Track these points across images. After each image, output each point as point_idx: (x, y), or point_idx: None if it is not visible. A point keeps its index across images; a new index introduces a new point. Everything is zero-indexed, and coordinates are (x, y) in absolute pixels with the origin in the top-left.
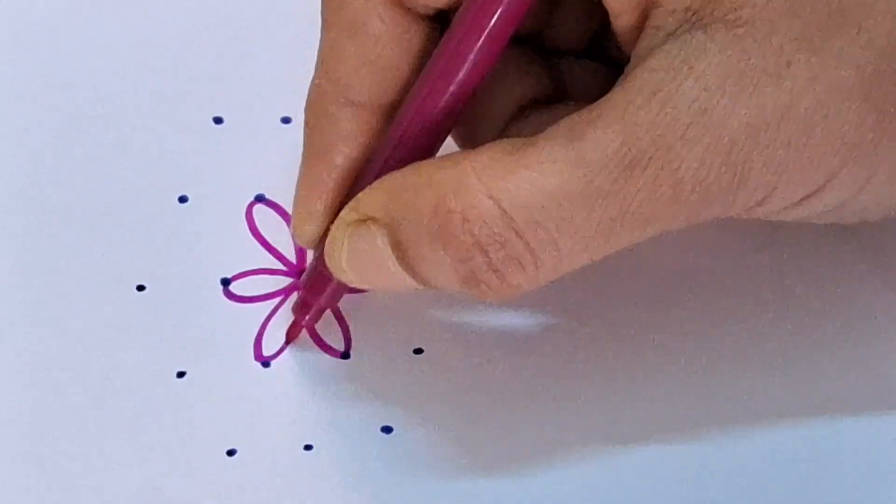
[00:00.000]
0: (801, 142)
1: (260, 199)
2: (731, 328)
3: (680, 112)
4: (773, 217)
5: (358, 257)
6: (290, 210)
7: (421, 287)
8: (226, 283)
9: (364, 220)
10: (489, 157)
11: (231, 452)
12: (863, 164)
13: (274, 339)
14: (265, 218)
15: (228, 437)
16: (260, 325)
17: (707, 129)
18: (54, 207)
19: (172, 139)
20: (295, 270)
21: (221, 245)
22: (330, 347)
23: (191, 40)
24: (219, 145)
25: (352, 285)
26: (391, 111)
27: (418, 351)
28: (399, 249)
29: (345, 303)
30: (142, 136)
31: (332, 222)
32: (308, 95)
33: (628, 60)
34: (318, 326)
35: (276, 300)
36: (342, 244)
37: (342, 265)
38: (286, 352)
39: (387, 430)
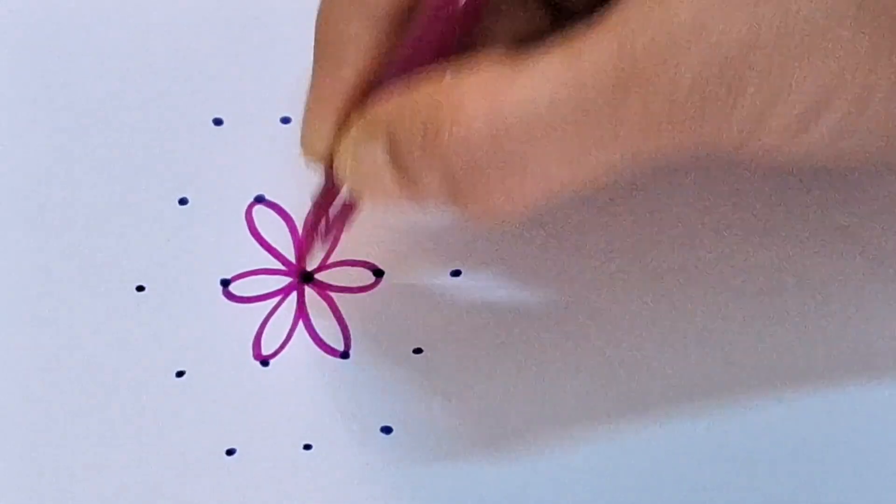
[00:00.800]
0: (796, 59)
1: (260, 199)
2: (729, 328)
3: (676, 27)
4: (771, 157)
5: (360, 169)
6: (290, 211)
7: (415, 204)
8: (225, 283)
9: (368, 132)
10: (485, 71)
11: (230, 452)
12: (860, 84)
13: (273, 338)
14: (265, 218)
15: (228, 437)
16: (259, 324)
17: (703, 44)
18: (54, 208)
19: (172, 140)
20: (294, 270)
21: (221, 245)
22: (329, 347)
23: (190, 41)
24: (218, 146)
25: (358, 198)
26: (404, 22)
27: (418, 351)
28: (395, 161)
29: (345, 303)
30: (142, 138)
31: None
32: (320, 5)
33: None
34: (318, 326)
35: (276, 300)
36: (348, 155)
37: (347, 176)
38: (285, 351)
39: (386, 429)
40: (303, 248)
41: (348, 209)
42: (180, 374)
